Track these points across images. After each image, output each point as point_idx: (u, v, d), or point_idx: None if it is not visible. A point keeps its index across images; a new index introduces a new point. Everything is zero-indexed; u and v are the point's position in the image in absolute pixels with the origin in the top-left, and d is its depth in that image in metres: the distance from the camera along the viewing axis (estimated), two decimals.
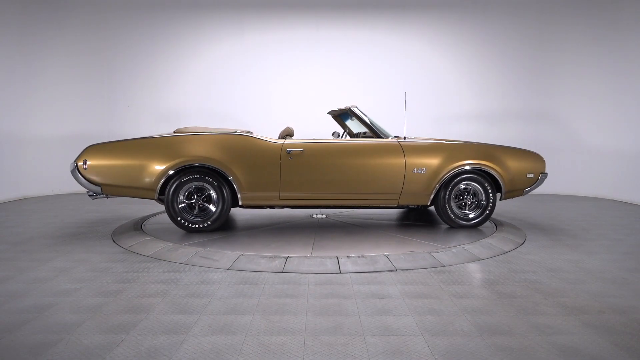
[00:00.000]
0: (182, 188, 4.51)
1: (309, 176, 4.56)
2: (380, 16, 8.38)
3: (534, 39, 8.29)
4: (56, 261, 3.74)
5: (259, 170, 4.51)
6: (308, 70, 8.40)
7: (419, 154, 4.66)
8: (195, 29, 8.40)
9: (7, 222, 5.41)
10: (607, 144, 7.94)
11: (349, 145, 4.70)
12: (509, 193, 4.84)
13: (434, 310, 2.70)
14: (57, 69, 8.08)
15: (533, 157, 4.95)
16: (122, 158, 4.54)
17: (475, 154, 4.73)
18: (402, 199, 4.70)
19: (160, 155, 4.47)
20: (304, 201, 4.68)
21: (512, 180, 4.78)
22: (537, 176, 4.88)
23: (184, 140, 4.54)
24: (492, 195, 4.76)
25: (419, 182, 4.64)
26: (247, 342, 2.28)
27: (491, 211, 4.79)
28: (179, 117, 8.30)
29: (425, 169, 4.62)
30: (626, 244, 4.47)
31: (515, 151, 4.94)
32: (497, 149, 4.89)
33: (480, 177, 4.73)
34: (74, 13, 8.17)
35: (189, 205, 4.59)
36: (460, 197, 4.81)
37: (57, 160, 8.13)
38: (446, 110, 8.44)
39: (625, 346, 2.26)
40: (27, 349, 2.20)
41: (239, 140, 4.57)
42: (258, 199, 4.59)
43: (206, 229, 4.56)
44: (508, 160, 4.81)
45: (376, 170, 4.60)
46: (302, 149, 4.56)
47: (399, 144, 4.69)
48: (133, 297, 2.90)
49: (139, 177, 4.47)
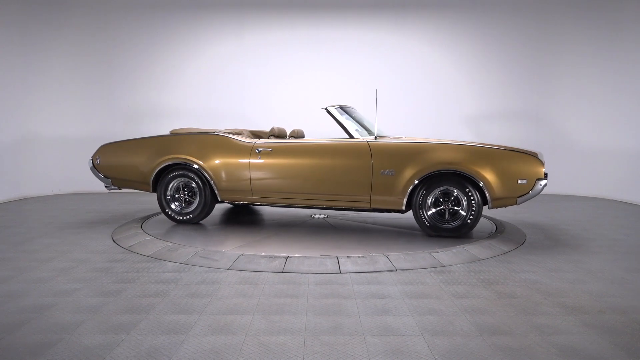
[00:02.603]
0: (170, 183, 5.03)
1: (277, 175, 4.69)
2: (380, 16, 8.38)
3: (534, 39, 8.29)
4: (56, 261, 3.74)
5: (232, 168, 4.81)
6: (308, 69, 8.40)
7: (388, 155, 4.33)
8: (195, 29, 8.40)
9: (7, 222, 5.41)
10: (607, 144, 7.93)
11: (316, 145, 4.65)
12: (498, 201, 4.16)
13: (434, 310, 2.70)
14: (57, 69, 8.08)
15: (526, 160, 4.15)
16: (125, 155, 5.25)
17: (454, 155, 4.20)
18: (373, 202, 4.41)
19: (153, 154, 5.05)
20: (275, 200, 4.80)
21: (500, 186, 4.11)
22: (532, 182, 4.08)
23: (171, 140, 5.07)
24: (474, 202, 4.18)
25: (388, 185, 4.30)
26: (247, 342, 2.29)
27: (473, 221, 4.21)
28: (179, 117, 8.29)
29: (394, 171, 4.28)
30: (626, 244, 4.47)
31: (504, 152, 4.21)
32: (482, 149, 4.26)
33: (461, 181, 4.20)
34: (74, 13, 8.16)
35: (175, 199, 5.07)
36: (440, 203, 4.34)
37: (57, 160, 8.14)
38: (446, 110, 8.43)
39: (625, 346, 2.26)
40: (27, 349, 2.20)
41: (214, 140, 4.93)
42: (234, 196, 4.90)
43: (189, 220, 5.01)
44: (495, 163, 4.13)
45: (342, 171, 4.44)
46: (271, 148, 4.71)
47: (367, 144, 4.41)
48: (133, 297, 2.90)
49: (138, 172, 5.13)
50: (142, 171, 5.07)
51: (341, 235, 4.51)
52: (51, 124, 8.06)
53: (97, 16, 8.25)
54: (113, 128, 8.33)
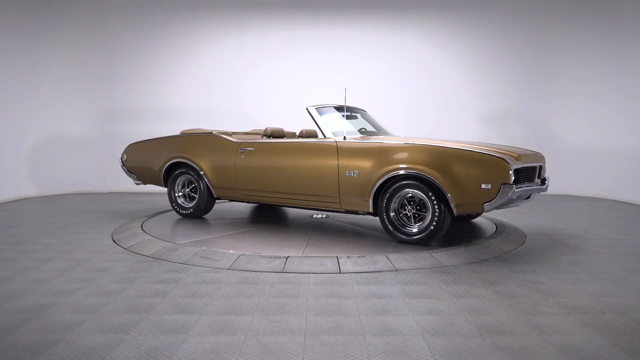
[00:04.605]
0: (176, 180, 5.48)
1: (257, 174, 4.85)
2: (380, 16, 8.38)
3: (534, 39, 8.29)
4: (56, 261, 3.74)
5: (221, 167, 5.07)
6: (308, 69, 8.40)
7: (353, 156, 4.20)
8: (195, 29, 8.40)
9: (7, 222, 5.41)
10: (607, 144, 7.93)
11: (290, 145, 4.69)
12: (462, 207, 3.79)
13: (434, 310, 2.70)
14: (57, 69, 8.08)
15: (490, 163, 3.69)
16: (144, 153, 5.77)
17: (415, 156, 3.93)
18: (343, 204, 4.33)
19: (163, 153, 5.53)
20: (258, 198, 4.97)
21: (462, 191, 3.73)
22: (497, 187, 3.62)
23: (178, 140, 5.50)
24: (437, 207, 3.87)
25: (353, 186, 4.18)
26: (247, 342, 2.28)
27: (437, 227, 3.89)
28: (179, 117, 8.29)
29: (358, 172, 4.14)
30: (626, 244, 4.47)
31: (466, 154, 3.80)
32: (443, 150, 3.90)
33: (423, 185, 3.90)
34: (74, 13, 8.16)
35: (183, 195, 5.52)
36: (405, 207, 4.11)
37: (57, 160, 8.14)
38: (446, 110, 8.44)
39: (625, 346, 2.26)
40: (27, 349, 2.20)
41: (208, 140, 5.24)
42: (225, 193, 5.17)
43: (190, 215, 5.40)
44: (455, 166, 3.77)
45: (312, 171, 4.43)
46: (253, 148, 4.86)
47: (335, 144, 4.32)
48: (133, 297, 2.90)
49: (153, 170, 5.65)
50: (155, 169, 5.59)
51: (341, 235, 4.51)
52: (51, 124, 8.06)
53: (97, 16, 8.25)
54: (113, 128, 8.33)
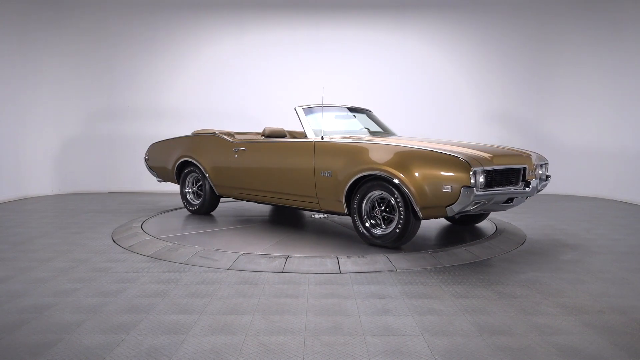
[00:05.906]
0: (186, 178, 5.75)
1: (248, 173, 4.98)
2: (380, 16, 8.37)
3: (534, 39, 8.29)
4: (56, 261, 3.74)
5: (220, 166, 5.27)
6: (308, 69, 8.39)
7: (328, 156, 4.18)
8: (195, 29, 8.39)
9: (7, 222, 5.41)
10: (606, 144, 7.93)
11: (274, 145, 4.76)
12: (427, 210, 3.63)
13: (434, 310, 2.70)
14: (56, 69, 8.08)
15: (450, 164, 3.50)
16: (161, 153, 6.08)
17: (381, 157, 3.83)
18: (321, 204, 4.32)
19: (175, 152, 5.81)
20: (253, 196, 5.07)
21: (424, 193, 3.57)
22: (458, 190, 3.41)
23: (186, 140, 5.75)
24: (402, 209, 3.73)
25: (327, 186, 4.16)
26: (247, 342, 2.29)
27: (403, 229, 3.75)
28: (179, 117, 8.29)
29: (331, 172, 4.12)
30: (626, 244, 4.47)
31: (428, 154, 3.66)
32: (407, 151, 3.77)
33: (390, 186, 3.78)
34: (74, 13, 8.16)
35: (192, 192, 5.81)
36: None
37: (58, 160, 8.14)
38: (446, 110, 8.43)
39: (625, 346, 2.26)
40: (27, 349, 2.20)
41: (209, 140, 5.44)
42: (224, 191, 5.35)
43: (196, 211, 5.68)
44: (417, 167, 3.61)
45: (291, 171, 4.49)
46: (245, 147, 4.98)
47: (313, 144, 4.30)
48: (133, 297, 2.90)
49: (168, 168, 5.95)
50: (169, 167, 5.91)
51: (341, 235, 4.51)
52: (51, 124, 8.05)
53: (96, 16, 8.24)
54: (113, 128, 8.33)
